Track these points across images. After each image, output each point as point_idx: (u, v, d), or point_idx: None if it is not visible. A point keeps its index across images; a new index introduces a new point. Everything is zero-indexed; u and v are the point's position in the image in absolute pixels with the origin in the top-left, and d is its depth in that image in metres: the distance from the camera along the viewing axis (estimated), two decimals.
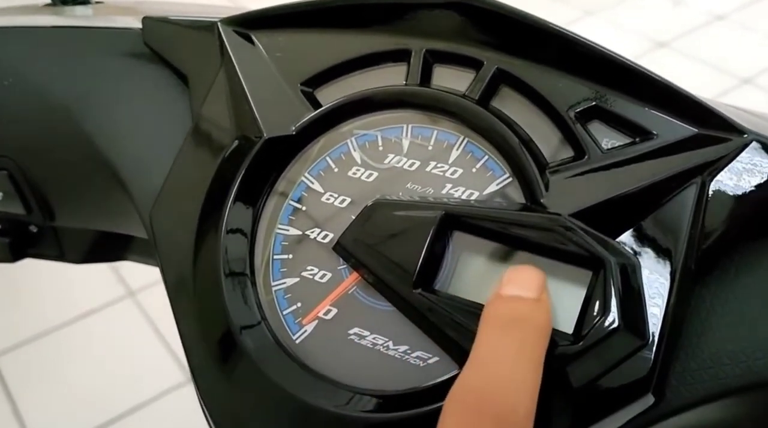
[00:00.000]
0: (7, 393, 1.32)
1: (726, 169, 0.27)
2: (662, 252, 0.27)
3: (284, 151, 0.32)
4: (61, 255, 0.43)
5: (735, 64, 1.79)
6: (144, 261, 0.45)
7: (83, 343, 1.40)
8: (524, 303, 0.26)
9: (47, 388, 1.33)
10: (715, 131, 0.28)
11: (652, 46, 1.86)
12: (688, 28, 1.92)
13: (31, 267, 0.55)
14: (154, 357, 1.34)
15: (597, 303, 0.26)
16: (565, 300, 0.27)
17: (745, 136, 0.27)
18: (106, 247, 0.44)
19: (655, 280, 0.27)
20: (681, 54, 1.85)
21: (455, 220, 0.29)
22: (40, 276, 1.44)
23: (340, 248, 0.30)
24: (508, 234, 0.28)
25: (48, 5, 0.44)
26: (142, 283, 1.46)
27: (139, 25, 0.37)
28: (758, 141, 0.27)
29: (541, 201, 0.28)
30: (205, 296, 0.31)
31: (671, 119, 0.28)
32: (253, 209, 0.32)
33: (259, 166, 0.32)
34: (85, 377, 1.33)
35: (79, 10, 0.42)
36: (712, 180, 0.27)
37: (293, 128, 0.32)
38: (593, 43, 0.29)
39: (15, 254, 0.41)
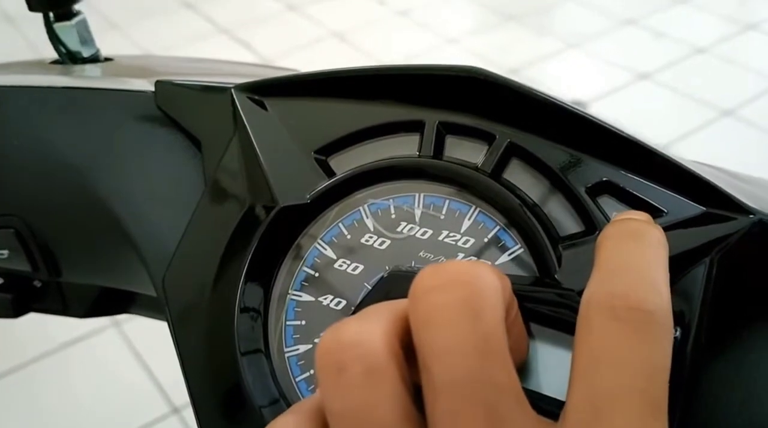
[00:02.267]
0: None
1: (734, 248, 0.28)
2: (674, 328, 0.28)
3: (298, 219, 0.33)
4: (64, 309, 0.43)
5: (716, 96, 1.82)
6: (149, 316, 0.45)
7: (63, 374, 1.39)
8: (638, 221, 0.26)
9: (25, 423, 1.31)
10: (722, 210, 0.28)
11: (634, 78, 1.89)
12: (670, 60, 1.96)
13: None
14: (137, 389, 1.33)
15: None
16: None
17: (752, 215, 0.28)
18: (110, 302, 0.44)
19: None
20: (663, 86, 1.88)
21: None
22: None
23: None
24: (522, 307, 0.28)
25: (55, 62, 0.44)
26: None
27: (152, 88, 0.37)
28: (763, 220, 0.28)
29: (555, 276, 0.29)
30: (222, 373, 0.31)
31: (680, 197, 0.29)
32: (267, 277, 0.32)
33: (273, 234, 0.32)
34: (66, 409, 1.31)
35: (89, 68, 0.42)
36: (720, 258, 0.28)
37: (308, 196, 0.32)
38: (602, 121, 0.30)
39: (17, 310, 0.41)
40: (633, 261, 0.23)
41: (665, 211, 0.29)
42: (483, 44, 2.17)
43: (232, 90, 0.35)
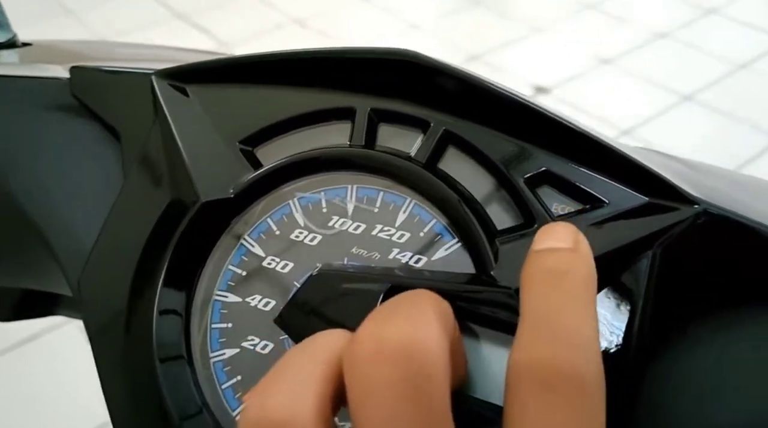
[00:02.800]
0: None
1: (677, 240, 0.27)
2: (616, 327, 0.26)
3: (222, 214, 0.31)
4: None
5: (677, 81, 1.83)
6: (74, 317, 0.43)
7: (22, 372, 1.35)
8: (560, 254, 0.23)
9: None
10: (665, 200, 0.27)
11: (597, 63, 1.89)
12: (633, 46, 1.96)
13: None
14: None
15: None
16: None
17: (696, 205, 0.26)
18: (34, 304, 0.41)
19: (609, 357, 0.26)
20: (625, 71, 1.88)
21: (403, 291, 0.27)
22: None
23: (281, 321, 0.29)
24: (457, 307, 0.27)
25: None
26: None
27: (67, 75, 0.34)
28: (708, 211, 0.26)
29: (491, 273, 0.27)
30: (139, 382, 0.29)
31: (622, 187, 0.28)
32: (189, 278, 0.30)
33: (196, 231, 0.30)
34: (27, 406, 1.28)
35: (4, 54, 0.40)
36: (663, 250, 0.27)
37: (231, 190, 0.30)
38: (542, 108, 0.28)
39: None
40: (558, 315, 0.22)
41: (607, 201, 0.28)
42: (447, 29, 2.16)
43: (152, 76, 0.33)
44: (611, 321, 0.26)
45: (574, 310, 0.22)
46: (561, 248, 0.24)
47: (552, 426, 0.20)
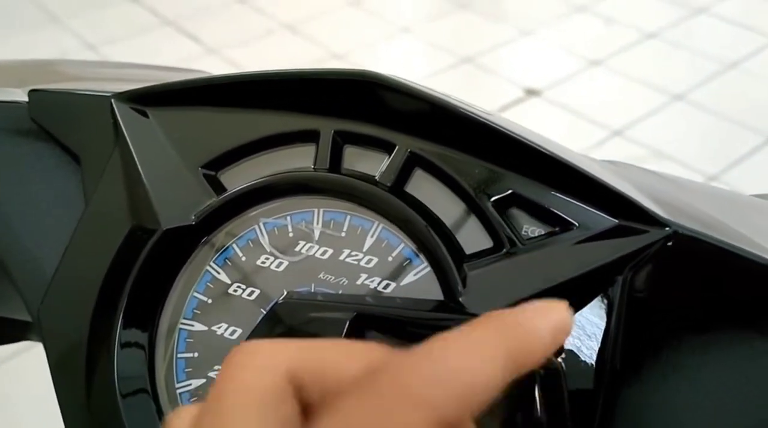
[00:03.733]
0: None
1: (648, 263, 0.26)
2: (586, 354, 0.26)
3: (185, 241, 0.30)
4: None
5: (667, 81, 1.82)
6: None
7: (14, 383, 1.34)
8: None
9: None
10: (635, 223, 0.26)
11: (586, 65, 1.88)
12: (621, 46, 1.95)
13: None
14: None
15: (523, 410, 0.24)
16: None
17: (667, 228, 0.26)
18: (4, 330, 0.40)
19: (581, 384, 0.25)
20: (614, 72, 1.88)
21: (369, 320, 0.27)
22: None
23: None
24: (425, 336, 0.26)
25: None
26: None
27: (26, 98, 0.34)
28: (678, 233, 0.26)
29: (460, 299, 0.26)
30: (102, 416, 0.28)
31: (591, 210, 0.27)
32: (152, 307, 0.29)
33: (158, 259, 0.29)
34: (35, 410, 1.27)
35: None
36: (634, 275, 0.26)
37: (193, 217, 0.29)
38: (509, 129, 0.27)
39: None
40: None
41: (576, 224, 0.27)
42: (436, 32, 2.15)
43: (112, 99, 0.32)
44: (582, 346, 0.26)
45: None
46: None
47: None
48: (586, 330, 0.26)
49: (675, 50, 1.94)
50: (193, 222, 0.29)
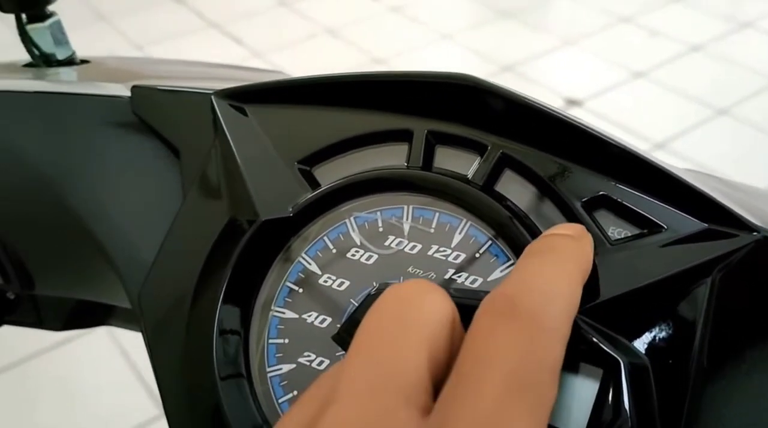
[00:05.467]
0: None
1: (736, 266, 0.27)
2: (674, 350, 0.26)
3: (281, 233, 0.31)
4: (39, 322, 0.41)
5: (711, 95, 1.81)
6: (126, 327, 0.43)
7: (53, 376, 1.37)
8: (564, 238, 0.26)
9: (13, 424, 1.29)
10: (724, 227, 0.27)
11: (629, 76, 1.88)
12: (665, 58, 1.95)
13: None
14: (126, 390, 1.31)
15: (609, 405, 0.25)
16: (575, 397, 0.26)
17: (755, 232, 0.26)
18: (86, 315, 0.42)
19: (668, 380, 0.26)
20: (658, 84, 1.87)
21: (460, 312, 0.28)
22: None
23: (339, 338, 0.29)
24: None
25: (29, 65, 0.42)
26: None
27: (128, 93, 0.35)
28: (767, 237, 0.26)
29: None
30: (200, 397, 0.29)
31: (680, 213, 0.28)
32: (248, 295, 0.31)
33: (255, 249, 0.31)
34: (55, 410, 1.30)
35: (63, 71, 0.41)
36: (723, 277, 0.27)
37: (290, 209, 0.31)
38: (600, 132, 0.28)
39: None
40: (531, 271, 0.24)
41: (665, 226, 0.28)
42: (477, 40, 2.16)
43: (212, 96, 0.33)
44: (670, 344, 0.26)
45: (548, 270, 0.24)
46: (559, 234, 0.26)
47: (492, 344, 0.21)
48: (674, 330, 0.27)
49: (720, 64, 1.92)
50: (291, 214, 0.31)
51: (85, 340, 1.40)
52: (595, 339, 0.26)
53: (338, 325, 0.30)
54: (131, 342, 1.36)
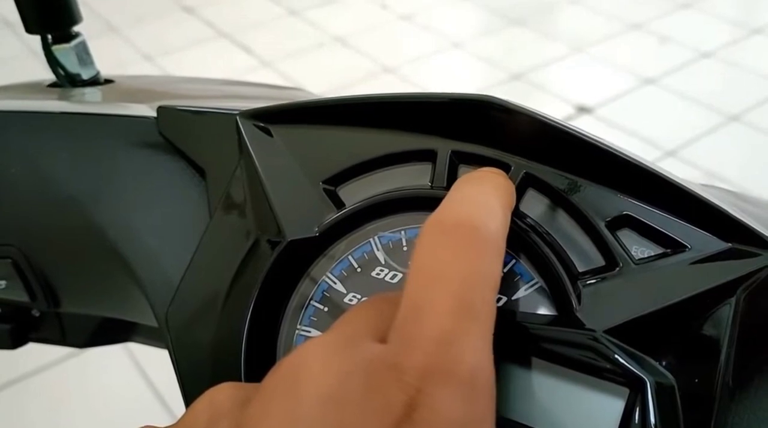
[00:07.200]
0: None
1: (760, 285, 0.27)
2: (700, 369, 0.27)
3: (306, 252, 0.31)
4: (63, 339, 0.42)
5: (722, 101, 1.81)
6: (151, 345, 0.44)
7: (61, 385, 1.37)
8: (490, 171, 0.29)
9: None
10: (747, 246, 0.27)
11: (640, 83, 1.87)
12: (676, 65, 1.94)
13: None
14: (140, 402, 1.31)
15: (636, 424, 0.25)
16: (601, 416, 0.26)
17: None
18: (110, 331, 0.43)
19: (694, 399, 0.26)
20: (668, 91, 1.87)
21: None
22: None
23: None
24: (541, 348, 0.27)
25: (54, 85, 0.43)
26: None
27: (154, 113, 0.36)
28: None
29: (576, 314, 0.28)
30: None
31: (703, 232, 0.28)
32: (275, 314, 0.31)
33: (280, 269, 0.31)
34: (64, 421, 1.30)
35: (88, 91, 0.41)
36: (747, 296, 0.27)
37: (316, 229, 0.31)
38: (622, 152, 0.29)
39: (15, 341, 0.40)
40: (468, 193, 0.26)
41: (689, 246, 0.28)
42: (487, 48, 2.16)
43: (237, 117, 0.34)
44: (696, 364, 0.27)
45: (483, 192, 0.26)
46: (491, 170, 0.29)
47: (438, 258, 0.23)
48: (699, 349, 0.27)
49: (731, 70, 1.92)
50: (317, 234, 0.31)
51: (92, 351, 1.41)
52: (620, 359, 0.26)
53: None
54: (147, 357, 1.37)
